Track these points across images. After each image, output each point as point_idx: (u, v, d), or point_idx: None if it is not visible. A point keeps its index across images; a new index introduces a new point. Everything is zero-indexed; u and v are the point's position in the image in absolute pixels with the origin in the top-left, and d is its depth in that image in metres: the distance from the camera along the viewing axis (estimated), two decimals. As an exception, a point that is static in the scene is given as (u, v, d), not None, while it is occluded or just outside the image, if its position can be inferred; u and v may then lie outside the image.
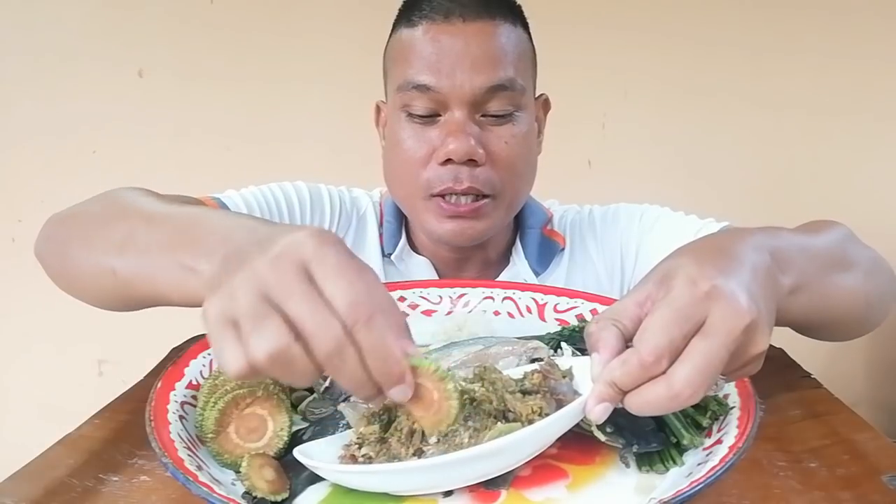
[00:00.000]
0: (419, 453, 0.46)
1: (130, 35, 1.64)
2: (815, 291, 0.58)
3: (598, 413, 0.44)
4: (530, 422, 0.45)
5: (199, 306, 0.45)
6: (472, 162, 0.77)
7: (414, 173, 0.79)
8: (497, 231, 0.85)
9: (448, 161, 0.77)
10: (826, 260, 0.61)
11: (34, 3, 1.64)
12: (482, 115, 0.78)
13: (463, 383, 0.49)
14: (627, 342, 0.45)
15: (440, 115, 0.78)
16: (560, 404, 0.47)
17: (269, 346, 0.39)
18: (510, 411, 0.46)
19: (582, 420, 0.46)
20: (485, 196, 0.79)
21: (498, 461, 0.44)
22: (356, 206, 0.94)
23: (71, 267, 0.65)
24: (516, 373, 0.51)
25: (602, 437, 0.48)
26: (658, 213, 0.90)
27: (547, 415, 0.45)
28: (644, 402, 0.43)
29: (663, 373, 0.42)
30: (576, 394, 0.48)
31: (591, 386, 0.45)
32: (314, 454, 0.48)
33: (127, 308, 0.65)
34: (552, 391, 0.48)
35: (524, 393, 0.48)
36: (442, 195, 0.79)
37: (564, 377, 0.50)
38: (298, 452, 0.48)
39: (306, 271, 0.40)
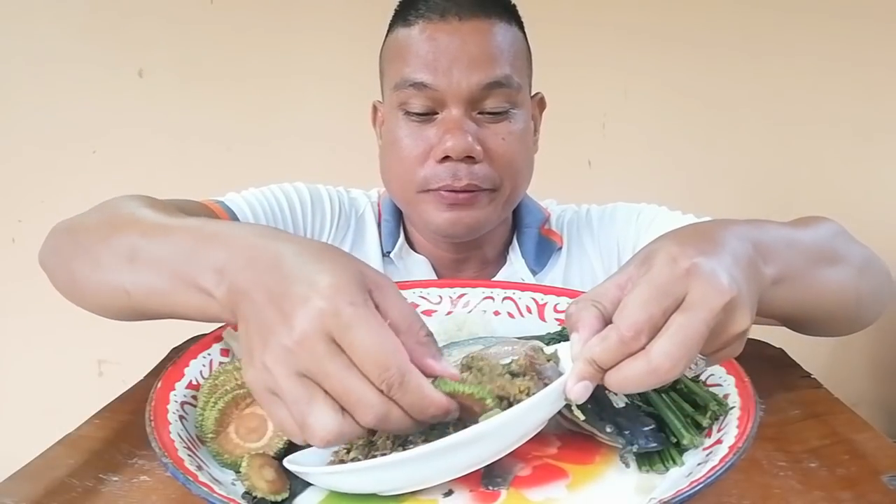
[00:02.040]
0: (406, 444, 0.46)
1: (130, 35, 1.64)
2: (799, 284, 0.57)
3: (578, 391, 0.44)
4: (517, 400, 0.45)
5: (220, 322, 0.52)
6: (469, 159, 0.77)
7: (412, 171, 0.80)
8: (493, 225, 0.85)
9: (446, 158, 0.77)
10: (813, 254, 0.60)
11: (34, 3, 1.64)
12: (479, 113, 0.79)
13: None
14: (607, 323, 0.45)
15: (437, 113, 0.79)
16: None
17: (323, 431, 0.41)
18: (500, 390, 0.46)
19: (570, 413, 0.46)
20: (482, 189, 0.79)
21: (483, 448, 0.44)
22: (355, 207, 0.94)
23: (81, 285, 0.64)
24: (504, 360, 0.51)
25: (583, 420, 0.48)
26: (655, 212, 0.90)
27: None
28: (623, 379, 0.43)
29: (643, 349, 0.42)
30: (561, 376, 0.48)
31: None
32: (304, 462, 0.48)
33: (141, 320, 0.64)
34: (539, 374, 0.48)
35: (512, 374, 0.48)
36: (440, 190, 0.79)
37: (549, 360, 0.50)
38: (289, 462, 0.48)
39: (332, 341, 0.41)
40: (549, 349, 0.51)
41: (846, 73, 1.59)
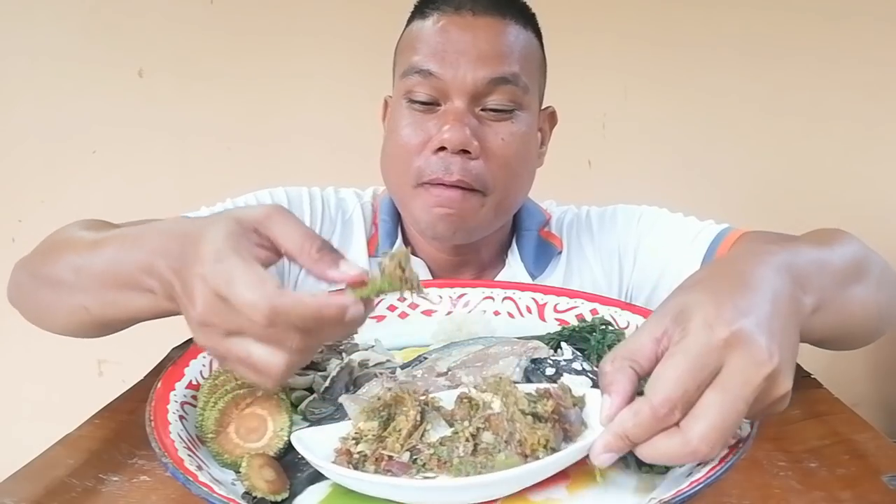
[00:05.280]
0: (415, 453, 0.46)
1: (130, 35, 1.64)
2: (834, 307, 0.57)
3: (604, 461, 0.42)
4: (533, 451, 0.44)
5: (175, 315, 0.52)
6: (465, 153, 0.76)
7: (407, 161, 0.79)
8: (487, 232, 0.84)
9: (441, 149, 0.76)
10: (843, 274, 0.60)
11: (35, 3, 1.64)
12: (482, 110, 0.78)
13: (473, 389, 0.48)
14: (642, 379, 0.44)
15: (440, 105, 0.78)
16: (566, 433, 0.47)
17: (276, 371, 0.44)
18: (516, 435, 0.46)
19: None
20: (474, 191, 0.77)
21: (496, 489, 0.44)
22: (342, 209, 0.92)
23: (46, 313, 0.69)
24: (528, 387, 0.50)
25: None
26: (656, 215, 0.89)
27: (552, 448, 0.45)
28: (659, 455, 0.42)
29: (677, 424, 0.41)
30: (583, 425, 0.48)
31: (598, 422, 0.44)
32: (311, 443, 0.48)
33: (112, 333, 0.69)
34: (561, 418, 0.47)
35: (536, 417, 0.46)
36: (431, 184, 0.77)
37: (575, 405, 0.49)
38: (296, 439, 0.48)
39: (225, 300, 0.43)
40: (578, 391, 0.50)
41: (845, 72, 1.59)
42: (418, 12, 0.82)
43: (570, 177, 1.57)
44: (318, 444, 0.48)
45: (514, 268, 0.89)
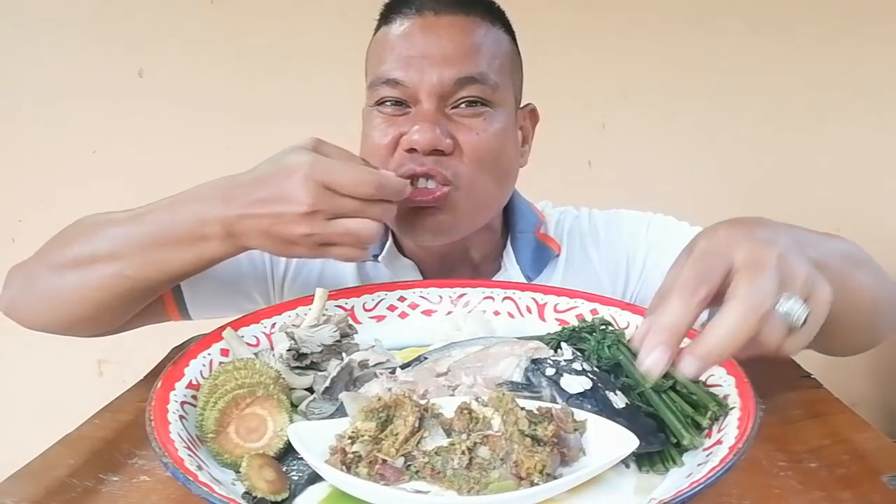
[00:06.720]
0: (409, 459, 0.45)
1: (130, 35, 1.64)
2: (836, 275, 0.55)
3: (654, 361, 0.44)
4: (528, 475, 0.44)
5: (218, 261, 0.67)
6: (437, 152, 0.74)
7: (381, 163, 0.76)
8: (465, 229, 0.80)
9: (412, 150, 0.74)
10: (841, 255, 0.61)
11: (35, 3, 1.64)
12: (453, 108, 0.76)
13: (475, 402, 0.48)
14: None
15: (411, 108, 0.76)
16: (563, 457, 0.46)
17: (372, 233, 0.62)
18: (512, 456, 0.45)
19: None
20: (449, 184, 0.75)
21: None
22: None
23: (72, 298, 0.71)
24: (531, 404, 0.50)
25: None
26: (664, 226, 0.88)
27: (548, 474, 0.44)
28: (721, 336, 0.43)
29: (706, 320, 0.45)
30: (581, 451, 0.48)
31: (600, 448, 0.45)
32: (307, 437, 0.48)
33: (138, 306, 0.72)
34: (560, 442, 0.47)
35: (535, 440, 0.46)
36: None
37: (576, 430, 0.48)
38: (293, 432, 0.48)
39: (327, 187, 0.60)
40: (580, 416, 0.50)
41: (846, 73, 1.59)
42: (383, 18, 0.81)
43: (570, 177, 1.57)
44: (314, 439, 0.48)
45: (511, 271, 0.87)
